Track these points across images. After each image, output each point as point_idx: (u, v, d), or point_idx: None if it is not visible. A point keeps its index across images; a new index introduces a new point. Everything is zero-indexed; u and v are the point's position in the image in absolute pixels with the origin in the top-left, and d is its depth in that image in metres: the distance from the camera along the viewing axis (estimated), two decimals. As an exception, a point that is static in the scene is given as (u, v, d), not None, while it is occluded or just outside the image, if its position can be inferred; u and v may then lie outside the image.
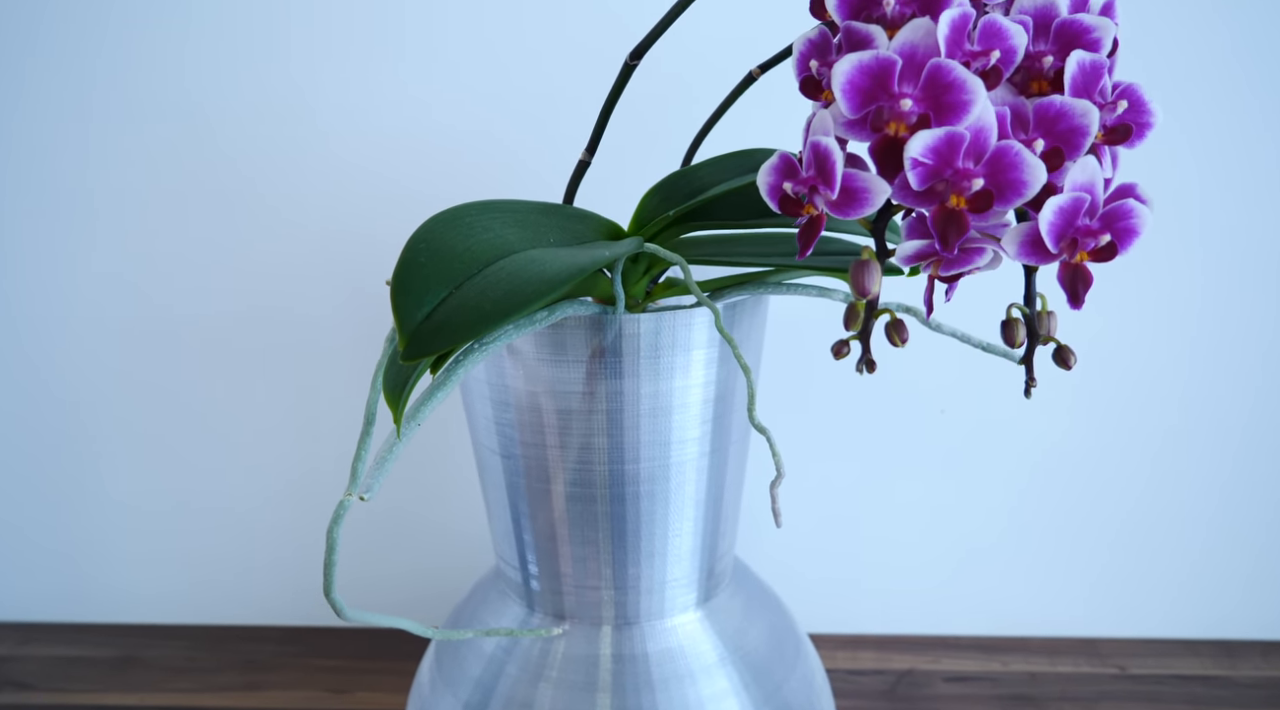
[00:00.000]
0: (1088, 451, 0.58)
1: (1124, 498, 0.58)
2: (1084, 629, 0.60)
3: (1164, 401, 0.57)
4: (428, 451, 0.60)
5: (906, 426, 0.58)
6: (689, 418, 0.35)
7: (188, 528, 0.62)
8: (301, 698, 0.54)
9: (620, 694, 0.37)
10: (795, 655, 0.41)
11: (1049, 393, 0.57)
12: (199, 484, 0.61)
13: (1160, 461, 0.57)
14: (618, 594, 0.37)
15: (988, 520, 0.59)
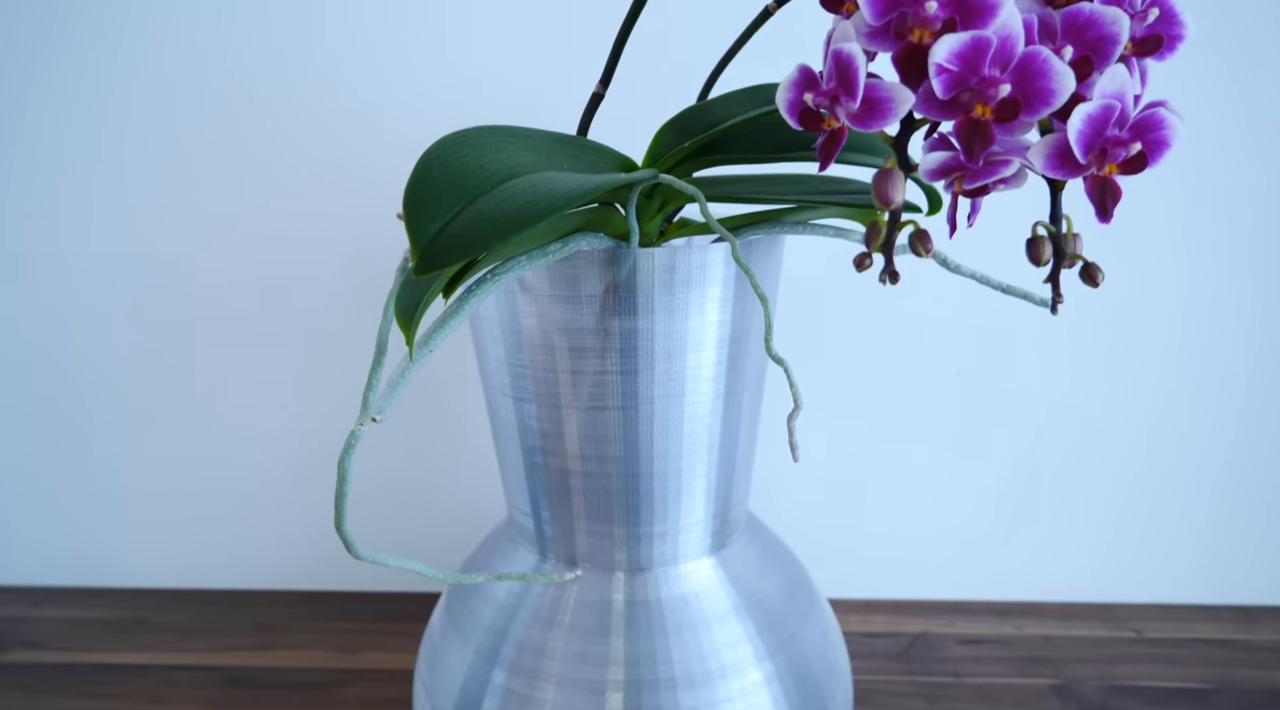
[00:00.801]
0: (1103, 415, 0.57)
1: (1139, 462, 0.58)
2: (1099, 594, 0.60)
3: (1174, 363, 0.56)
4: (436, 418, 0.59)
5: (920, 389, 0.57)
6: (703, 358, 0.35)
7: (198, 494, 0.62)
8: (311, 657, 0.54)
9: (633, 639, 0.36)
10: (809, 606, 0.41)
11: (1064, 354, 0.56)
12: (210, 451, 0.61)
13: (1174, 425, 0.57)
14: (630, 539, 0.37)
15: (1001, 484, 0.59)
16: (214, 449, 0.61)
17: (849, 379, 0.57)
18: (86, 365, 0.60)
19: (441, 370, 0.58)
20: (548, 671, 0.36)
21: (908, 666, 0.52)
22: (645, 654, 0.36)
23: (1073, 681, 0.51)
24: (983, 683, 0.51)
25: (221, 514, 0.62)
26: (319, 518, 0.62)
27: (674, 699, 0.35)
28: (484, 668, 0.37)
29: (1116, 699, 0.49)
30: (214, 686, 0.51)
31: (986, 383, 0.57)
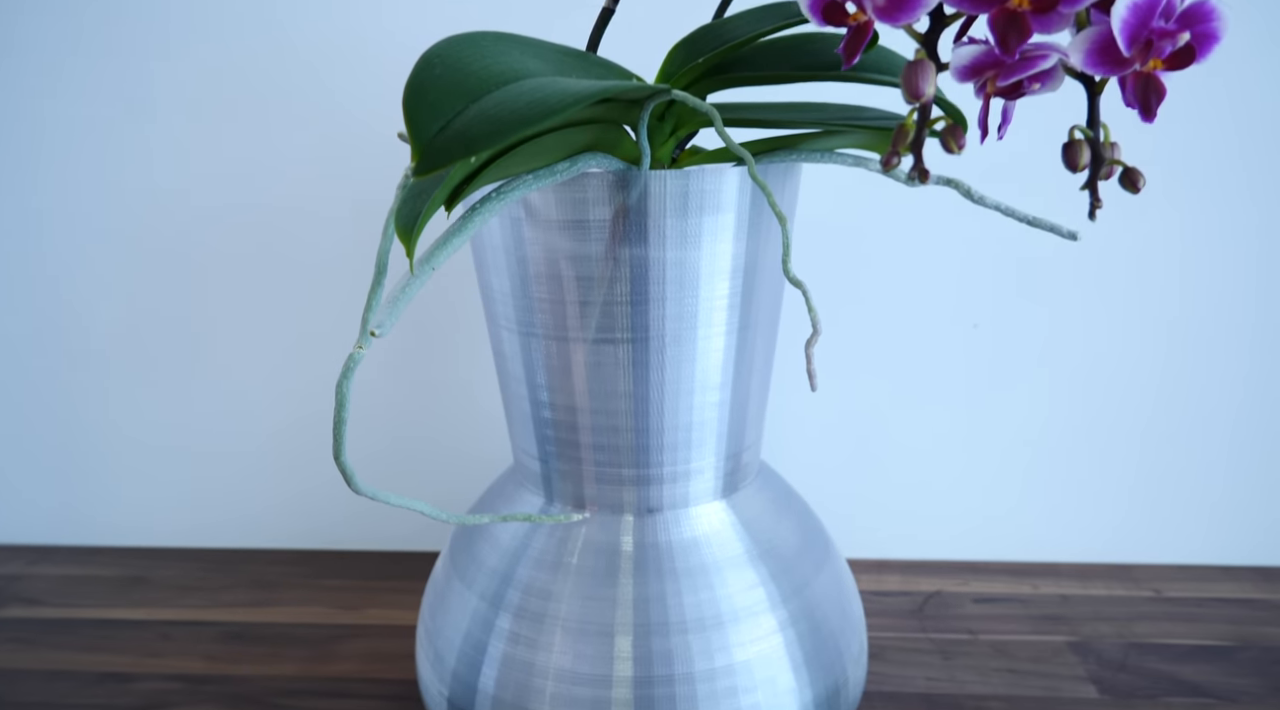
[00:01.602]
0: (1122, 372, 0.56)
1: (1158, 422, 0.56)
2: (1117, 555, 0.59)
3: (1195, 321, 0.54)
4: (443, 378, 0.58)
5: (936, 342, 0.56)
6: (716, 289, 0.33)
7: (196, 452, 0.61)
8: (312, 614, 0.53)
9: (642, 582, 0.35)
10: (824, 555, 0.40)
11: (1084, 308, 0.55)
12: (208, 407, 0.60)
13: (1194, 384, 0.55)
14: (639, 481, 0.36)
15: (1018, 442, 0.57)
16: (213, 405, 0.60)
17: (862, 332, 0.56)
18: (83, 320, 0.59)
19: (449, 329, 0.57)
20: (554, 615, 0.35)
21: (922, 624, 0.51)
22: (654, 597, 0.35)
23: (1091, 639, 0.50)
24: (999, 640, 0.50)
25: (219, 472, 0.61)
26: (319, 476, 0.61)
27: (684, 643, 0.34)
28: (488, 613, 0.36)
29: (1136, 656, 0.48)
30: (212, 641, 0.50)
31: (1004, 337, 0.56)
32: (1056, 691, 0.45)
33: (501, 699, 0.35)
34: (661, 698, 0.34)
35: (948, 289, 0.55)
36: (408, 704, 0.45)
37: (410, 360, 0.58)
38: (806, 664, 0.36)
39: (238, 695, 0.46)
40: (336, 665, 0.48)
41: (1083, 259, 0.54)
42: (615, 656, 0.34)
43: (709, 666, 0.34)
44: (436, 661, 0.38)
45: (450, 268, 0.56)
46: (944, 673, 0.47)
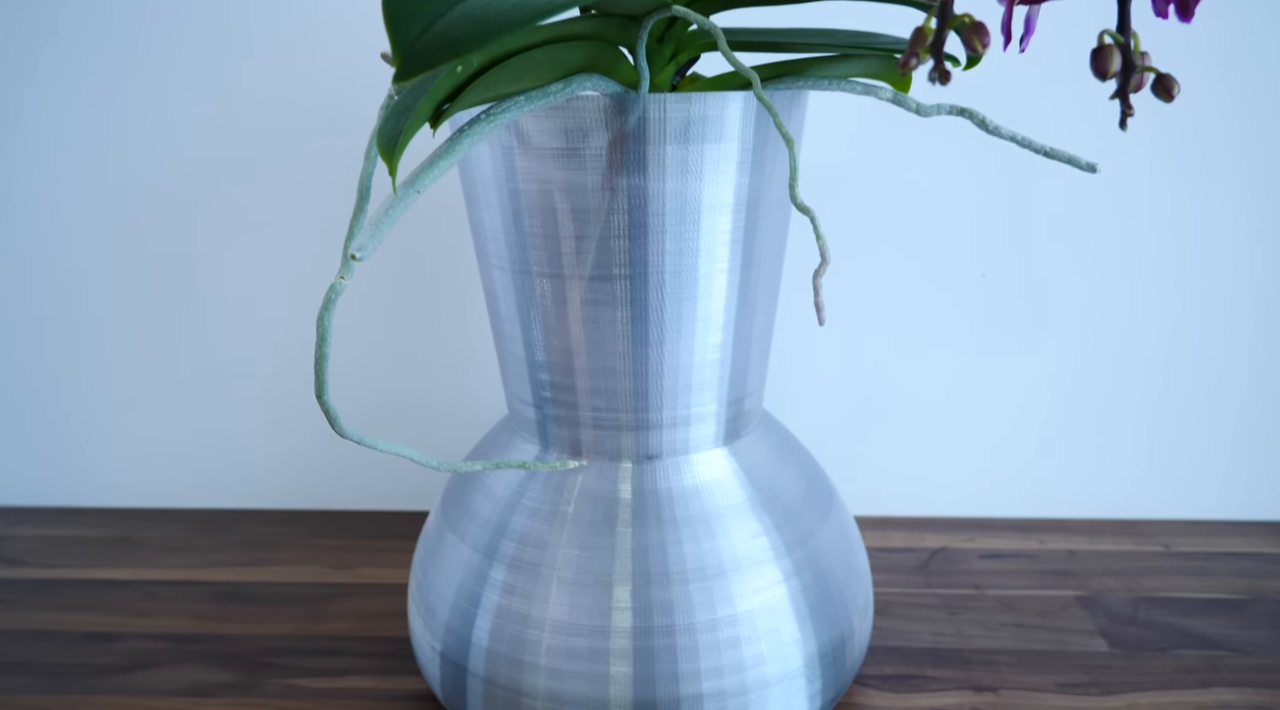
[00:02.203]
0: (1131, 326, 0.54)
1: (1167, 376, 0.55)
2: (1125, 511, 0.58)
3: (1207, 274, 0.53)
4: (436, 331, 0.57)
5: (943, 292, 0.54)
6: (718, 223, 0.32)
7: (185, 410, 0.59)
8: (304, 573, 0.52)
9: (642, 530, 0.34)
10: (828, 505, 0.39)
11: (1095, 260, 0.53)
12: (197, 364, 0.58)
13: (1203, 339, 0.54)
14: (638, 426, 0.35)
15: (1025, 397, 0.56)
16: (200, 361, 0.58)
17: (867, 283, 0.54)
18: (63, 275, 0.57)
19: (442, 277, 0.56)
20: (550, 566, 0.34)
21: (927, 580, 0.50)
22: (654, 546, 0.34)
23: (1099, 593, 0.49)
24: (1006, 595, 0.49)
25: (209, 430, 0.60)
26: (311, 434, 0.60)
27: (685, 593, 0.33)
28: (482, 564, 0.35)
29: (1146, 610, 0.47)
30: (202, 600, 0.49)
31: (1013, 288, 0.54)
32: (1065, 645, 0.44)
33: (496, 652, 0.34)
34: (662, 648, 0.33)
35: (956, 238, 0.54)
36: (401, 661, 0.44)
37: (401, 312, 0.57)
38: (811, 615, 0.35)
39: (227, 654, 0.45)
40: (329, 624, 0.47)
41: (1095, 210, 0.53)
42: (613, 607, 0.33)
43: (711, 617, 0.33)
44: (428, 616, 0.37)
45: (443, 214, 0.54)
46: (950, 627, 0.46)
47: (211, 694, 0.42)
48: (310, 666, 0.44)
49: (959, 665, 0.43)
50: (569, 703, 0.33)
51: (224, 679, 0.43)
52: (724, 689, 0.33)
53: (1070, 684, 0.41)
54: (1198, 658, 0.43)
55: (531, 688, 0.33)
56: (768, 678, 0.34)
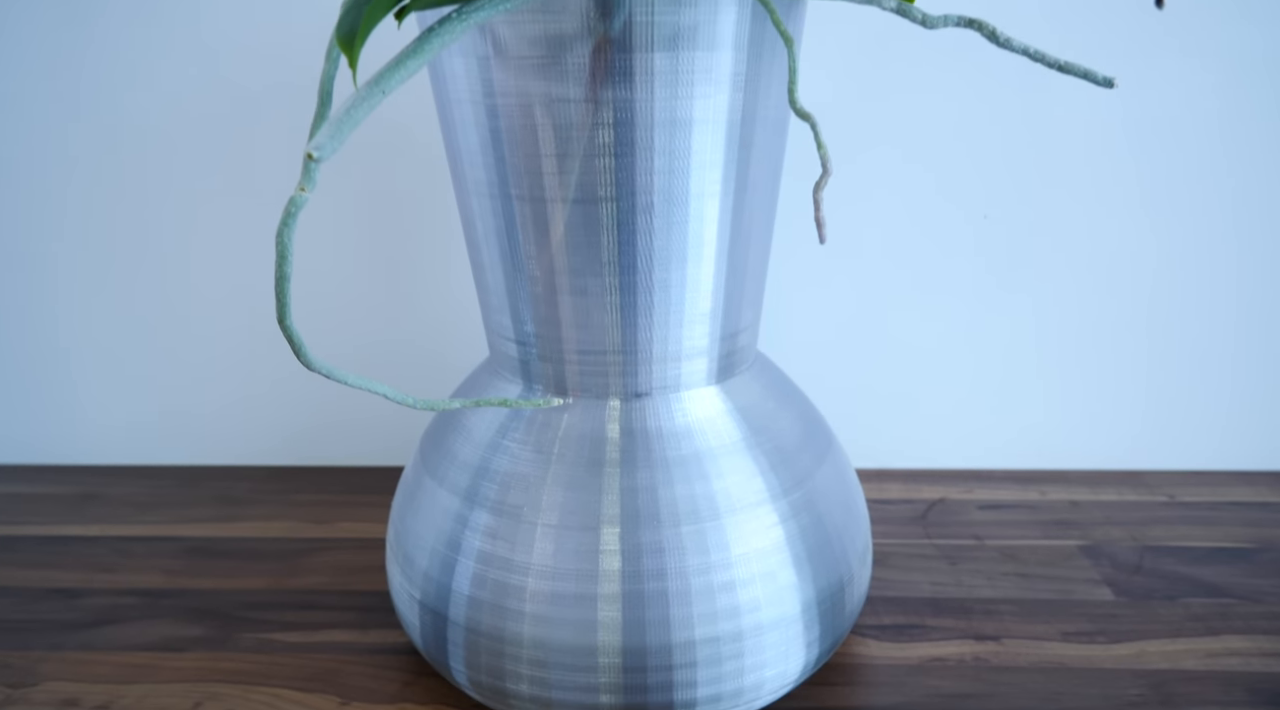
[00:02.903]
0: (1136, 272, 0.53)
1: (1170, 324, 0.54)
2: (1127, 461, 0.57)
3: (1215, 217, 0.52)
4: (411, 273, 0.55)
5: (942, 233, 0.53)
6: (710, 141, 0.30)
7: (156, 366, 0.57)
8: (280, 528, 0.51)
9: (630, 471, 0.33)
10: (826, 447, 0.37)
11: (1100, 202, 0.52)
12: (170, 318, 0.56)
13: (1208, 287, 0.53)
14: (626, 361, 0.33)
15: (1027, 344, 0.55)
16: (173, 313, 0.56)
17: (863, 220, 0.53)
18: (26, 225, 0.55)
19: (419, 215, 0.54)
20: (534, 508, 0.33)
21: (926, 531, 0.49)
22: (644, 488, 0.32)
23: (1103, 543, 0.48)
24: (1007, 545, 0.48)
25: (180, 385, 0.58)
26: (286, 388, 0.58)
27: (676, 536, 0.32)
28: (462, 509, 0.34)
29: (1152, 558, 0.46)
30: (173, 556, 0.48)
31: (1016, 230, 0.53)
32: (1070, 594, 0.43)
33: (478, 599, 0.33)
34: (653, 593, 0.31)
35: (958, 176, 0.52)
36: (381, 615, 0.42)
37: (375, 253, 0.55)
38: (809, 559, 0.34)
39: (199, 609, 0.43)
40: (305, 578, 0.46)
41: (1103, 150, 0.51)
42: (601, 550, 0.32)
43: (704, 560, 0.32)
44: (407, 564, 0.35)
45: (417, 146, 0.52)
46: (950, 577, 0.45)
47: (181, 648, 0.40)
48: (286, 620, 0.42)
49: (960, 615, 0.42)
50: (555, 650, 0.32)
51: (195, 633, 0.41)
52: (718, 635, 0.32)
53: (1076, 632, 0.40)
54: (1207, 606, 0.42)
55: (515, 635, 0.32)
56: (763, 623, 0.32)
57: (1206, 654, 0.39)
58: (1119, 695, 0.36)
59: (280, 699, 0.37)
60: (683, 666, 0.32)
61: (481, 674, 0.33)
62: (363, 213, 0.54)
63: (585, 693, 0.32)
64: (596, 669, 0.32)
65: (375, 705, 0.36)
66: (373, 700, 0.37)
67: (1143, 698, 0.36)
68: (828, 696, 0.37)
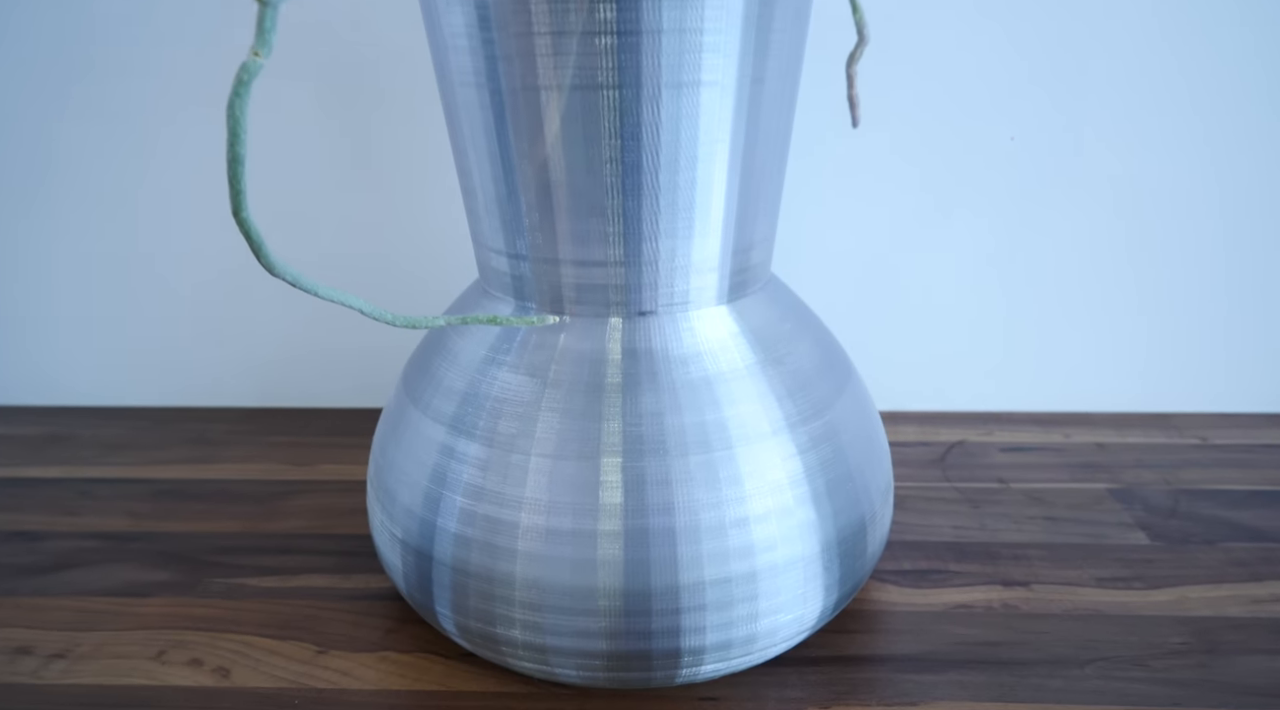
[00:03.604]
0: (1168, 209, 0.50)
1: (1202, 262, 0.51)
2: (1153, 403, 0.54)
3: (1250, 150, 0.48)
4: (392, 187, 0.52)
5: (966, 156, 0.49)
6: (724, 19, 0.27)
7: (129, 303, 0.54)
8: (257, 470, 0.48)
9: (634, 395, 0.30)
10: (845, 376, 0.34)
11: (1133, 128, 0.48)
12: (143, 253, 0.53)
13: (1241, 224, 0.50)
14: (629, 275, 0.30)
15: (1049, 279, 0.52)
16: (145, 249, 0.53)
17: (880, 143, 0.49)
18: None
19: (401, 124, 0.50)
20: (528, 437, 0.30)
21: (945, 473, 0.47)
22: (649, 415, 0.29)
23: (1135, 486, 0.45)
24: (1033, 488, 0.45)
25: (152, 323, 0.55)
26: (264, 326, 0.55)
27: (684, 467, 0.29)
28: (449, 439, 0.31)
29: (1187, 502, 0.44)
30: (140, 499, 0.45)
31: (1042, 154, 0.49)
32: (1102, 538, 0.41)
33: (466, 537, 0.30)
34: (658, 530, 0.29)
35: (983, 94, 0.48)
36: (362, 559, 0.40)
37: (354, 164, 0.52)
38: (829, 495, 0.31)
39: (166, 553, 0.40)
40: (282, 522, 0.43)
41: (1140, 65, 0.47)
42: (602, 483, 0.29)
43: (714, 495, 0.29)
44: (388, 501, 0.33)
45: (396, 49, 0.49)
46: (973, 521, 0.42)
47: (145, 593, 0.37)
48: (260, 565, 0.39)
49: (985, 559, 0.39)
50: (550, 592, 0.29)
51: (161, 578, 0.39)
52: (729, 576, 0.29)
53: (1111, 578, 0.38)
54: (1249, 550, 0.40)
55: (507, 576, 0.29)
56: (779, 564, 0.30)
57: (1251, 600, 0.36)
58: (1160, 643, 0.34)
59: (251, 647, 0.34)
60: (691, 610, 0.29)
61: (470, 619, 0.31)
62: (337, 118, 0.50)
63: (583, 638, 0.29)
64: (596, 612, 0.29)
65: (354, 654, 0.34)
66: (352, 648, 0.34)
67: (1186, 646, 0.34)
68: (846, 644, 0.34)
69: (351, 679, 0.33)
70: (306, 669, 0.33)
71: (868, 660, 0.33)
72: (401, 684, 0.32)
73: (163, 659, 0.33)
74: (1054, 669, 0.32)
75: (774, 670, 0.33)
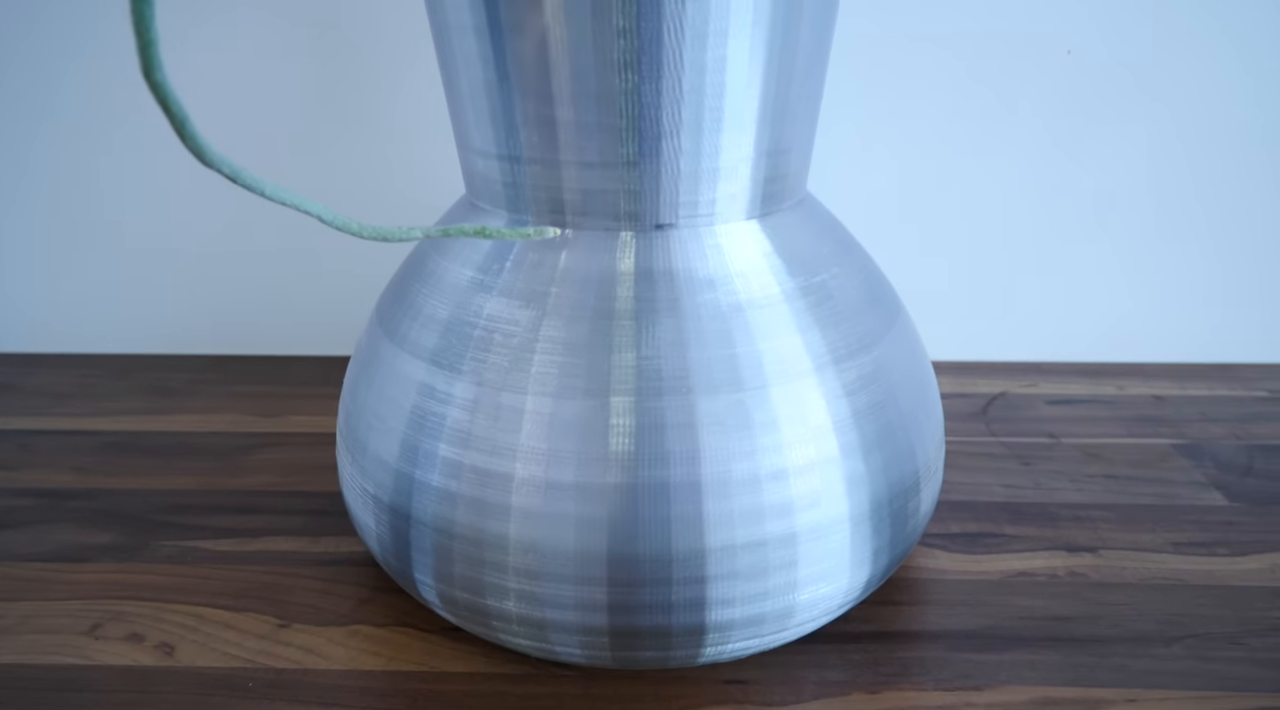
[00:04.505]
0: (1236, 138, 0.45)
1: (1267, 196, 0.46)
2: (1213, 354, 0.49)
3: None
4: (364, 84, 0.46)
5: (1011, 75, 0.44)
6: None
7: (83, 241, 0.49)
8: (221, 422, 0.43)
9: (649, 324, 0.25)
10: (894, 311, 0.30)
11: (1201, 45, 0.43)
12: (95, 180, 0.48)
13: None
14: (644, 178, 0.25)
15: (1098, 214, 0.47)
16: (100, 176, 0.48)
17: (928, 58, 0.44)
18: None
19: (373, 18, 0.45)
20: (522, 373, 0.25)
21: (989, 427, 0.42)
22: (667, 345, 0.25)
23: (1202, 441, 0.41)
24: (1088, 443, 0.41)
25: (108, 264, 0.50)
26: (235, 269, 0.50)
27: (711, 408, 0.25)
28: (431, 378, 0.26)
29: (1263, 459, 0.39)
30: (86, 452, 0.41)
31: (1101, 73, 0.44)
32: (1173, 498, 0.36)
33: (450, 493, 0.25)
34: (680, 484, 0.24)
35: (1039, 3, 0.43)
36: (334, 520, 0.35)
37: (319, 61, 0.46)
38: (879, 444, 0.27)
39: (110, 512, 0.36)
40: (245, 478, 0.38)
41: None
42: (611, 428, 0.24)
43: (745, 444, 0.25)
44: (360, 452, 0.28)
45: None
46: (1026, 479, 0.38)
47: (81, 558, 0.33)
48: (217, 526, 0.35)
49: (1044, 522, 0.35)
50: (550, 556, 0.25)
51: (101, 541, 0.34)
52: (764, 537, 0.25)
53: (1189, 543, 0.33)
54: (1343, 512, 0.35)
55: (498, 537, 0.25)
56: (823, 524, 0.25)
57: (1353, 569, 0.32)
58: (1259, 618, 0.29)
59: (202, 619, 0.30)
60: (719, 579, 0.25)
61: (456, 588, 0.26)
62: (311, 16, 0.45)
63: (588, 612, 0.25)
64: (604, 582, 0.25)
65: (321, 628, 0.29)
66: (318, 621, 0.30)
67: (1286, 621, 0.29)
68: (892, 618, 0.30)
69: (317, 657, 0.28)
70: (265, 645, 0.29)
71: (918, 636, 0.29)
72: (375, 663, 0.28)
73: (97, 633, 0.29)
74: (1137, 647, 0.28)
75: (810, 648, 0.28)
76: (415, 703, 0.27)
